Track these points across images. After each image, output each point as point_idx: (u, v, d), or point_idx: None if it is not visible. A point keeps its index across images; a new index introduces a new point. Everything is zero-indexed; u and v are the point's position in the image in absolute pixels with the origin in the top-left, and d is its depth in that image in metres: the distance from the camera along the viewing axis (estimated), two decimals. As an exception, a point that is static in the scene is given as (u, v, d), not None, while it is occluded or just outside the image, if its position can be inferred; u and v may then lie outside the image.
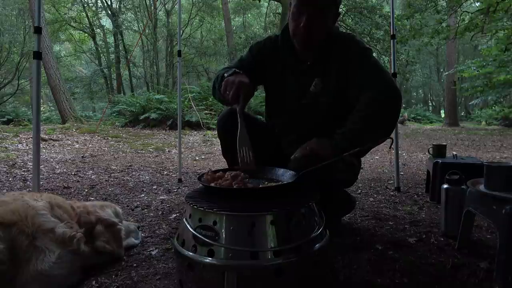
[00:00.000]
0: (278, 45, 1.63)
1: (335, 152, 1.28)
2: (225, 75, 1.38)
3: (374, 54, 1.64)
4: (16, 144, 6.25)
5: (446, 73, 15.23)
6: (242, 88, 1.29)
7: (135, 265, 1.41)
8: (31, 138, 2.66)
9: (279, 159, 1.53)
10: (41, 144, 2.43)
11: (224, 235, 0.96)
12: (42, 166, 4.09)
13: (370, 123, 1.35)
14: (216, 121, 1.77)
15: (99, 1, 18.51)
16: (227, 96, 1.30)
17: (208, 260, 0.95)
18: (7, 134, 7.36)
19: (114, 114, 11.48)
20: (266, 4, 19.07)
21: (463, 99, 23.62)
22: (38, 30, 2.06)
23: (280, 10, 15.06)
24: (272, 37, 1.69)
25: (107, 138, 7.69)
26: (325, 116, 1.57)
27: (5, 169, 3.93)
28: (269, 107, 1.78)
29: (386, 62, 11.38)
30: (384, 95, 1.38)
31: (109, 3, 18.27)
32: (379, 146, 1.64)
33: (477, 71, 10.08)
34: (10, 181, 3.32)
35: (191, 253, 0.99)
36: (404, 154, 5.55)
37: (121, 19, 18.35)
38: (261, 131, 1.68)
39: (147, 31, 17.51)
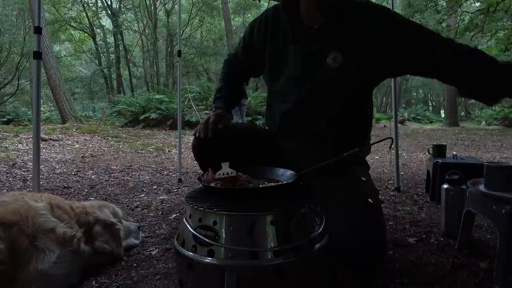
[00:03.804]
0: (278, 15, 1.38)
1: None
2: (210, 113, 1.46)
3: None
4: (16, 144, 6.25)
5: (446, 73, 15.20)
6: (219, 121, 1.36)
7: (135, 265, 1.41)
8: (31, 138, 2.66)
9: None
10: (41, 144, 2.43)
11: (224, 235, 0.96)
12: (42, 166, 4.09)
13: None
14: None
15: (99, 1, 18.52)
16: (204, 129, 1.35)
17: (208, 260, 0.95)
18: (7, 134, 7.36)
19: (114, 114, 11.47)
20: (266, 4, 19.03)
21: (463, 99, 23.60)
22: (38, 30, 2.06)
23: (280, 10, 14.99)
24: (269, 10, 1.44)
25: (107, 138, 7.69)
26: (343, 102, 1.30)
27: (5, 169, 3.93)
28: (270, 94, 1.50)
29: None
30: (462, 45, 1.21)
31: (109, 3, 18.28)
32: (379, 146, 1.64)
33: (477, 71, 10.05)
34: (10, 181, 3.32)
35: (191, 253, 0.99)
36: (404, 154, 5.54)
37: (121, 19, 18.36)
38: (260, 136, 1.56)
39: (147, 31, 17.51)
